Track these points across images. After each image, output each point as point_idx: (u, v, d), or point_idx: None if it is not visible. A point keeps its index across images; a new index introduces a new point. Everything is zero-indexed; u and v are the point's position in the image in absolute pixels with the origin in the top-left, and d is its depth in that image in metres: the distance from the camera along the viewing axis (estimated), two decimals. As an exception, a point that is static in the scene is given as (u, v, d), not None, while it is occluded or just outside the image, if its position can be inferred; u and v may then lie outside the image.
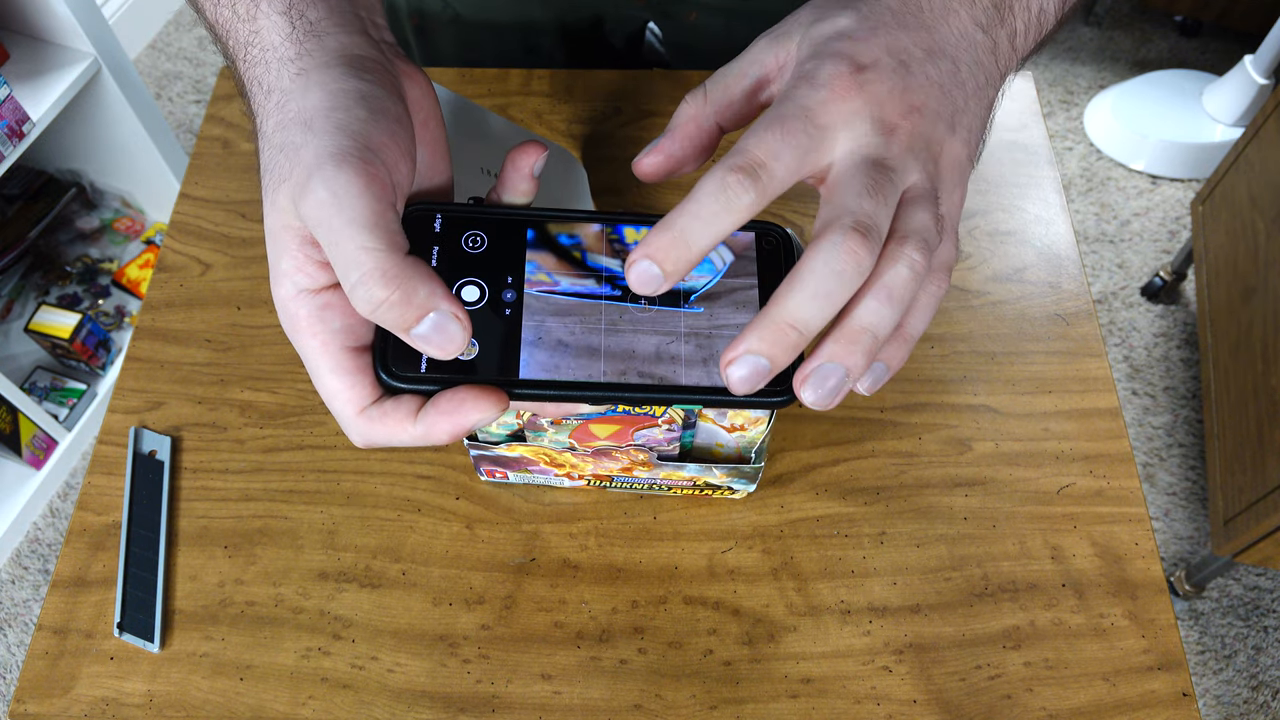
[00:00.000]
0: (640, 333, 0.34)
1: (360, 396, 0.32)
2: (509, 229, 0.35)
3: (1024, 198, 0.65)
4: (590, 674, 0.48)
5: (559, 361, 0.33)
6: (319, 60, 0.32)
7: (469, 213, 0.35)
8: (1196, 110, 1.87)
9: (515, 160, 0.36)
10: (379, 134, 0.31)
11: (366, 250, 0.29)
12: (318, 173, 0.30)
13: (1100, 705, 0.47)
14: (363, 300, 0.29)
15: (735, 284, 0.35)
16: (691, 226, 0.29)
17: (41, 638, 0.50)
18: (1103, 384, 0.57)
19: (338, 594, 0.51)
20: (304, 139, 0.31)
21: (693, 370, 0.33)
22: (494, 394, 0.31)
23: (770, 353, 0.29)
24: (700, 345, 0.34)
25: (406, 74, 0.35)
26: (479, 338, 0.33)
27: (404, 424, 0.32)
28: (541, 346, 0.33)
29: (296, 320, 0.32)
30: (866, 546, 0.52)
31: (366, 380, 0.32)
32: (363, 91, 0.32)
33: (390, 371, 0.32)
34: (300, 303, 0.32)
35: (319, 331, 0.32)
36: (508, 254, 0.35)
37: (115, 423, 0.57)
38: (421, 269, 0.30)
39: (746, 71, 0.35)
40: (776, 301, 0.29)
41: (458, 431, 0.31)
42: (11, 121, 1.22)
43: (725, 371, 0.29)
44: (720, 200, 0.29)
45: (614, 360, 0.33)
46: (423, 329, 0.30)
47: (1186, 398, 1.61)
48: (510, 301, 0.34)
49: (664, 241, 0.29)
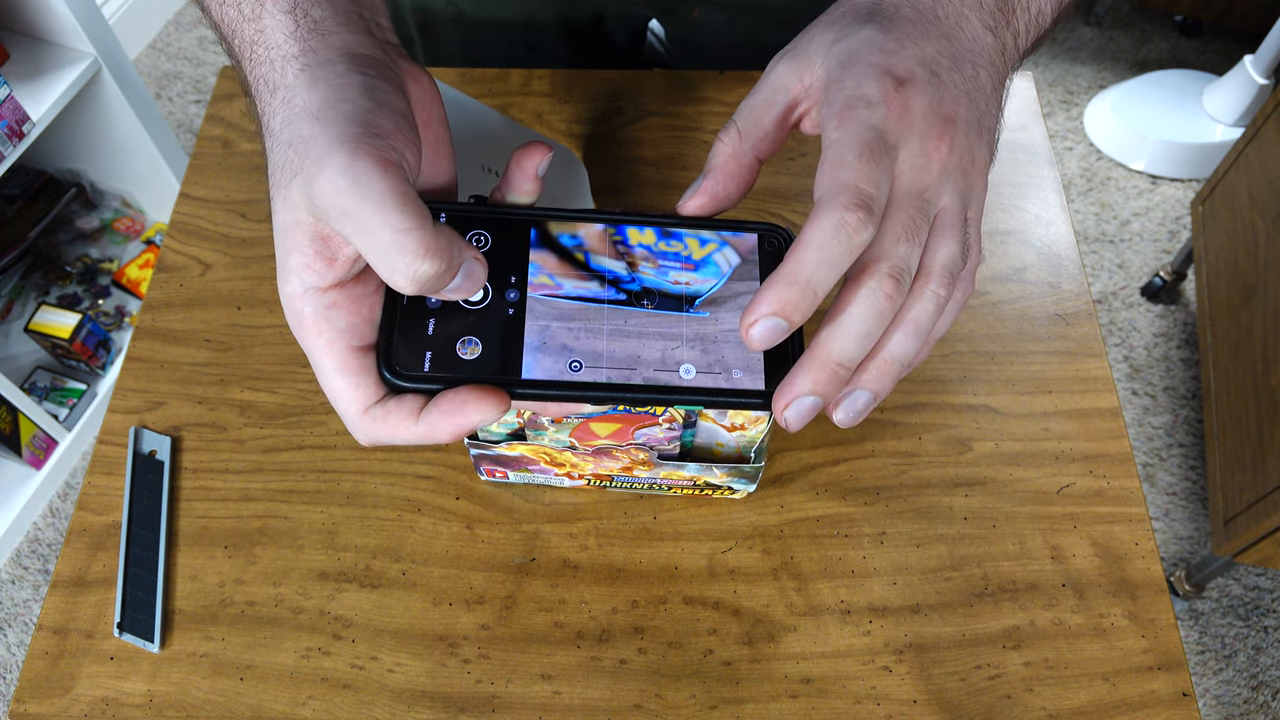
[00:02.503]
0: (645, 336, 0.34)
1: (364, 396, 0.32)
2: (513, 229, 0.35)
3: (1024, 198, 0.65)
4: (590, 674, 0.48)
5: (561, 363, 0.33)
6: (323, 57, 0.33)
7: (473, 212, 0.35)
8: (1196, 110, 1.87)
9: (520, 161, 0.36)
10: (386, 123, 0.31)
11: (406, 231, 0.29)
12: (331, 162, 0.30)
13: (1100, 705, 0.47)
14: (408, 279, 0.29)
15: (739, 288, 0.35)
16: (819, 274, 0.30)
17: (41, 638, 0.50)
18: (1103, 384, 0.57)
19: (338, 594, 0.51)
20: (313, 130, 0.31)
21: (695, 373, 0.34)
22: (496, 394, 0.32)
23: (824, 391, 0.32)
24: (705, 350, 0.34)
25: (410, 73, 0.35)
26: (484, 338, 0.33)
27: (406, 423, 0.32)
28: (544, 347, 0.33)
29: (302, 318, 0.32)
30: (866, 546, 0.52)
31: (370, 380, 0.32)
32: (367, 84, 0.32)
33: (394, 371, 0.32)
34: (307, 300, 0.32)
35: (325, 330, 0.32)
36: (511, 254, 0.35)
37: (115, 423, 0.57)
38: (450, 231, 0.31)
39: (774, 100, 0.35)
40: (824, 343, 0.31)
41: (459, 431, 0.32)
42: (11, 121, 1.22)
43: (781, 414, 0.32)
44: (842, 242, 0.30)
45: (617, 362, 0.33)
46: (457, 281, 0.31)
47: (1186, 398, 1.61)
48: (513, 301, 0.34)
49: (794, 295, 0.30)
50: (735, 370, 0.34)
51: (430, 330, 0.33)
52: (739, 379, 0.34)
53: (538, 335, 0.33)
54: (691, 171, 0.67)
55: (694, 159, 0.67)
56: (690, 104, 0.70)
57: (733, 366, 0.34)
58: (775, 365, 0.34)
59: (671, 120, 0.69)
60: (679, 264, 0.35)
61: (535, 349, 0.33)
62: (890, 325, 0.32)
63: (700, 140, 0.68)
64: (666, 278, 0.35)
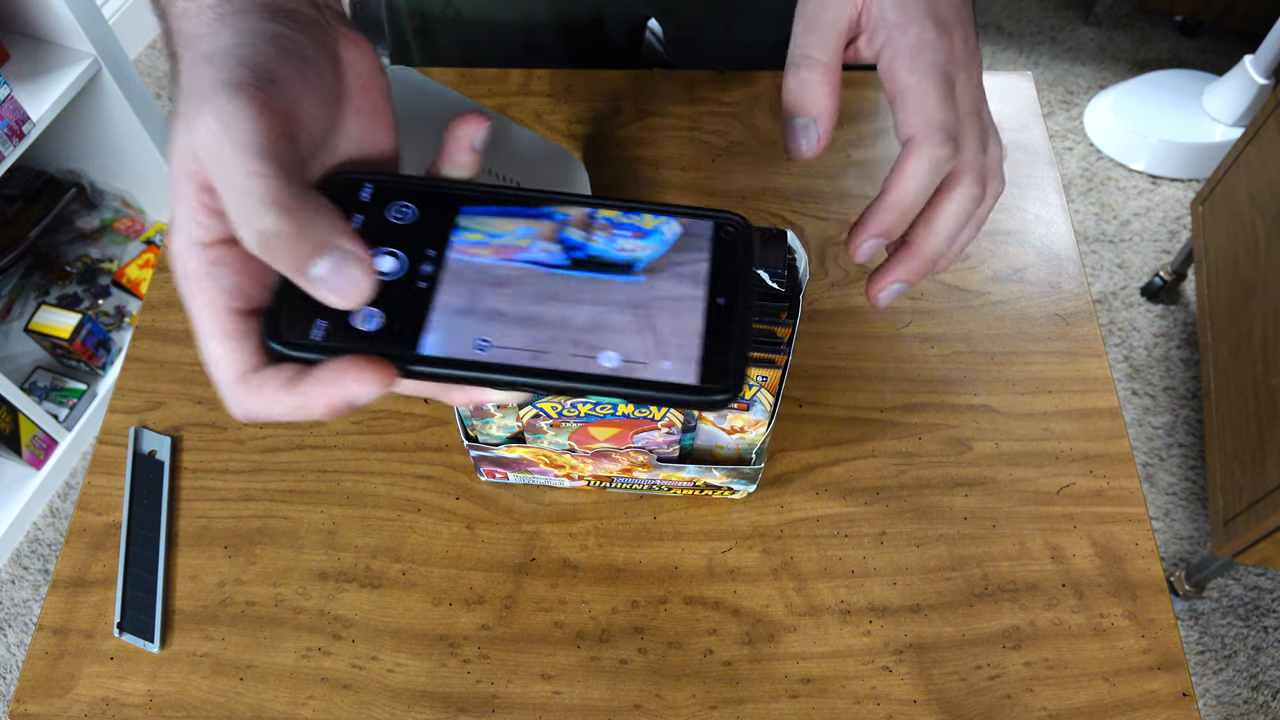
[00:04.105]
0: (569, 314, 0.30)
1: (240, 362, 0.30)
2: (440, 202, 0.33)
3: (1024, 198, 0.65)
4: (590, 674, 0.48)
5: (467, 341, 0.30)
6: (239, 6, 0.31)
7: (401, 183, 0.33)
8: (1196, 110, 1.87)
9: (455, 132, 0.34)
10: (284, 69, 0.30)
11: (256, 175, 0.27)
12: (209, 104, 0.28)
13: (1100, 705, 0.47)
14: (251, 233, 0.27)
15: (682, 259, 0.32)
16: (918, 202, 0.36)
17: (41, 638, 0.50)
18: (1103, 384, 0.57)
19: (338, 594, 0.51)
20: (204, 74, 0.29)
21: (619, 361, 0.30)
22: (380, 367, 0.29)
23: (914, 280, 0.37)
24: (635, 332, 0.30)
25: (347, 37, 0.34)
26: (388, 310, 0.30)
27: (280, 394, 0.29)
28: (452, 324, 0.30)
29: (186, 275, 0.30)
30: (866, 546, 0.52)
31: (250, 345, 0.30)
32: (274, 33, 0.31)
33: (277, 336, 0.29)
34: (191, 255, 0.29)
35: (207, 289, 0.29)
36: (435, 227, 0.32)
37: (115, 423, 0.57)
38: (322, 203, 0.28)
39: (839, 28, 0.38)
40: (922, 241, 0.37)
41: (335, 405, 0.29)
42: (11, 121, 1.22)
43: (873, 295, 0.37)
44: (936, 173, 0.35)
45: (531, 344, 0.30)
46: (320, 270, 0.28)
47: (1186, 398, 1.61)
48: (428, 274, 0.31)
49: (895, 219, 0.36)
50: (664, 361, 0.30)
51: None
52: (667, 370, 0.29)
53: (447, 311, 0.30)
54: (691, 171, 0.67)
55: (694, 159, 0.67)
56: (690, 104, 0.70)
57: (663, 354, 0.30)
58: (711, 358, 0.30)
59: (671, 120, 0.69)
60: (620, 239, 0.32)
61: (441, 325, 0.30)
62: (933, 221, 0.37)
63: (700, 140, 0.68)
64: (605, 249, 0.32)
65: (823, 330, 0.60)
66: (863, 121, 0.69)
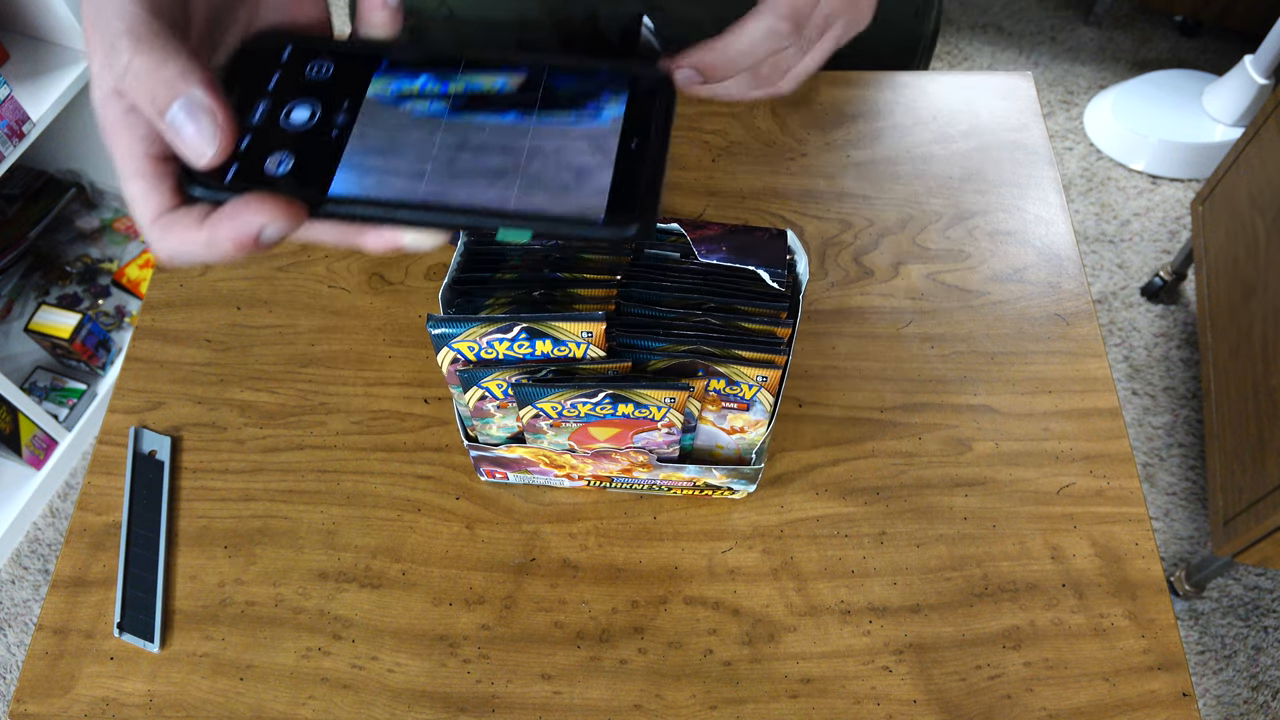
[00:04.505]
0: (475, 154, 0.32)
1: (157, 203, 0.31)
2: (359, 60, 0.34)
3: (1024, 198, 0.65)
4: (590, 674, 0.48)
5: (378, 181, 0.31)
6: None
7: (318, 44, 0.34)
8: (1196, 110, 1.87)
9: None
10: None
11: (121, 16, 0.27)
12: None
13: (1100, 705, 0.47)
14: (117, 70, 0.28)
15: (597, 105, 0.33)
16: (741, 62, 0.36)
17: (41, 638, 0.50)
18: (1103, 384, 0.57)
19: (338, 594, 0.51)
20: None
21: (523, 192, 0.31)
22: (286, 203, 0.29)
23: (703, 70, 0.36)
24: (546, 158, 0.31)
25: None
26: (297, 155, 0.31)
27: (191, 230, 0.30)
28: (363, 166, 0.31)
29: (106, 123, 0.31)
30: (866, 546, 0.52)
31: (167, 187, 0.31)
32: None
33: (192, 178, 0.30)
34: (109, 104, 0.30)
35: (124, 136, 0.30)
36: (349, 82, 0.33)
37: (115, 423, 0.57)
38: (180, 44, 0.28)
39: None
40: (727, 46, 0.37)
41: (243, 239, 0.29)
42: (11, 121, 1.22)
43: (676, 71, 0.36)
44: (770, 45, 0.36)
45: (443, 181, 0.31)
46: (172, 114, 0.28)
47: (1186, 398, 1.61)
48: (340, 124, 0.32)
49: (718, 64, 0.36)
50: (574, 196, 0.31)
51: (244, 145, 0.31)
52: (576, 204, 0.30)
53: (357, 155, 0.31)
54: (691, 171, 0.67)
55: (694, 159, 0.67)
56: (690, 104, 0.70)
57: (573, 190, 0.31)
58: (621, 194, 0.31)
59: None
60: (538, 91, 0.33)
61: (352, 167, 0.31)
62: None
63: (700, 140, 0.68)
64: (520, 98, 0.33)
65: (823, 330, 0.60)
66: (863, 121, 0.69)
